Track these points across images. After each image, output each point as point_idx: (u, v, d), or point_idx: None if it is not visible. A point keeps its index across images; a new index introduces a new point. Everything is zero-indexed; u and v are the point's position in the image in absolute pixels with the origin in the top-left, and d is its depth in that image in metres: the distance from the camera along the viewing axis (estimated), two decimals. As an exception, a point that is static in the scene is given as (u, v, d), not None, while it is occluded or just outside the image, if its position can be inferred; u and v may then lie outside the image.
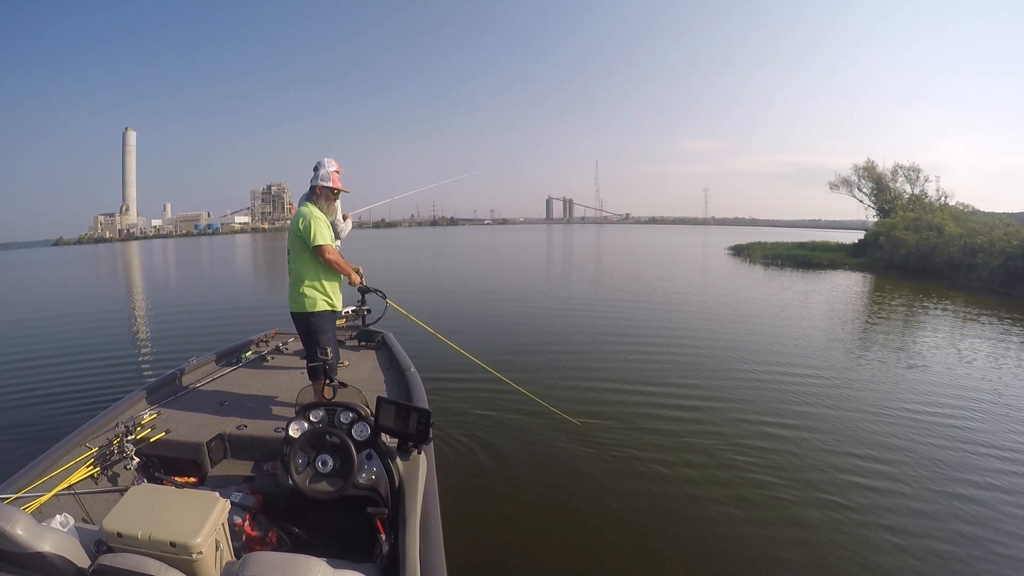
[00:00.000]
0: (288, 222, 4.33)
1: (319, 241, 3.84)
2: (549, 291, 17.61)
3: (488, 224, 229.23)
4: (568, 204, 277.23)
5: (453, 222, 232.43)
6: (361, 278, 4.44)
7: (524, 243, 53.55)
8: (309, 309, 3.95)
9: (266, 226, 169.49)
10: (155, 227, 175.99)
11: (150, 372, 8.34)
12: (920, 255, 23.75)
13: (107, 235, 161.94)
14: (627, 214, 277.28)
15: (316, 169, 4.06)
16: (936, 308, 14.24)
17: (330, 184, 4.04)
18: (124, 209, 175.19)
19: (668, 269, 25.17)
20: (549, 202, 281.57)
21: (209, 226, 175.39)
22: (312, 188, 4.04)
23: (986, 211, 32.25)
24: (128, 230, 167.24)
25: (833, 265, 26.91)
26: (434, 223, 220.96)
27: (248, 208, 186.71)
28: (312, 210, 3.93)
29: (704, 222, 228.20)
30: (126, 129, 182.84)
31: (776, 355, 9.04)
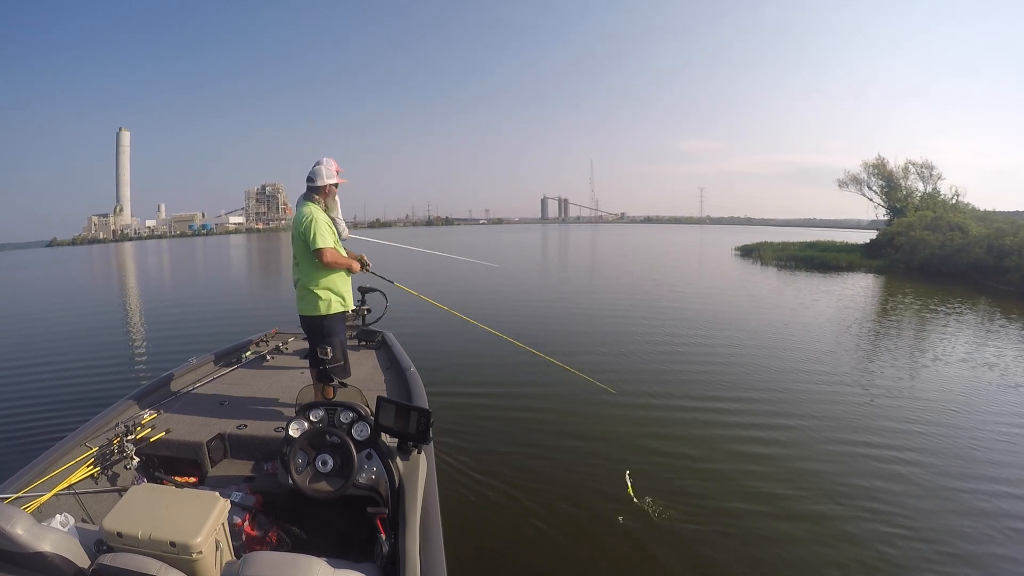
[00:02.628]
0: (283, 222, 4.26)
1: (319, 244, 3.77)
2: (560, 296, 16.46)
3: (483, 224, 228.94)
4: (563, 204, 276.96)
5: (448, 222, 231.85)
6: (364, 266, 4.27)
7: (523, 243, 53.01)
8: (324, 312, 3.89)
9: (260, 226, 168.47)
10: (149, 228, 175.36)
11: (150, 372, 8.29)
12: (943, 257, 22.39)
13: (101, 236, 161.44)
14: (622, 214, 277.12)
15: (315, 168, 3.97)
16: (989, 317, 13.06)
17: (335, 181, 3.98)
18: (118, 210, 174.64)
19: (685, 273, 23.68)
20: (544, 202, 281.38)
21: (203, 226, 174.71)
22: (319, 188, 3.94)
23: (984, 210, 31.62)
24: (122, 231, 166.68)
25: (851, 267, 25.48)
26: (429, 223, 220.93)
27: (243, 208, 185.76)
28: (313, 210, 3.85)
29: (700, 221, 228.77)
30: (120, 129, 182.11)
31: (842, 368, 8.33)
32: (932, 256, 23.16)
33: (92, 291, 23.20)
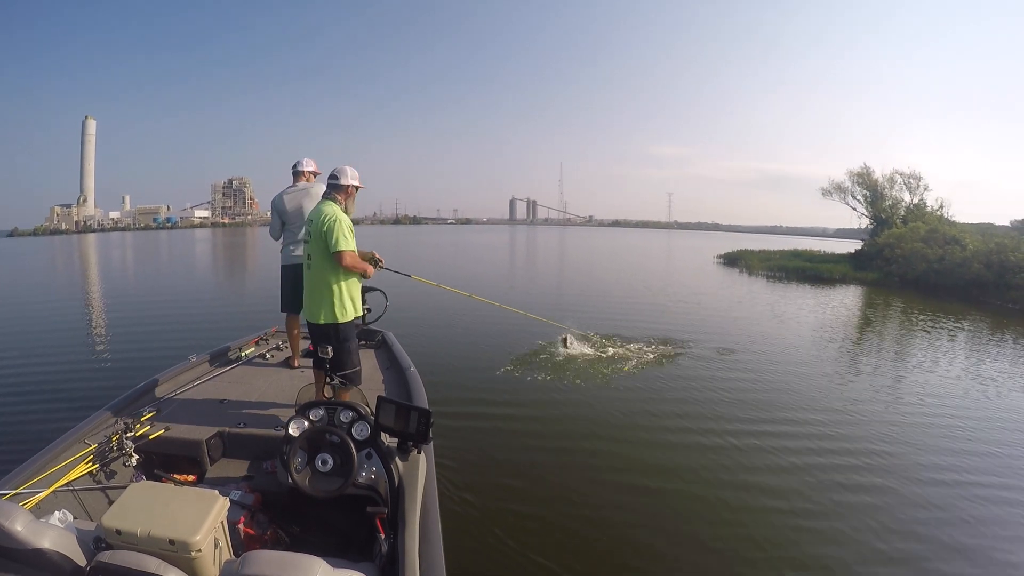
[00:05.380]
0: (250, 217, 4.07)
1: (341, 247, 3.57)
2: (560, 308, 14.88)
3: (451, 223, 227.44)
4: (532, 205, 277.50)
5: (416, 221, 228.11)
6: (376, 264, 4.11)
7: (493, 245, 52.36)
8: (341, 319, 3.73)
9: (227, 221, 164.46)
10: (113, 219, 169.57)
11: (150, 369, 8.08)
12: (941, 271, 21.62)
13: (64, 227, 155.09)
14: (591, 216, 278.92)
15: (339, 166, 3.79)
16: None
17: (358, 184, 3.81)
18: (82, 200, 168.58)
19: (682, 283, 22.39)
20: (513, 203, 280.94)
21: (168, 219, 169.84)
22: (342, 187, 3.77)
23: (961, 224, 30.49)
24: (85, 222, 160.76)
25: (844, 280, 24.66)
26: (397, 221, 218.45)
27: (208, 202, 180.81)
28: (335, 210, 3.66)
29: (667, 226, 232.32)
30: (86, 118, 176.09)
31: (913, 387, 8.06)
32: (929, 270, 22.47)
33: (88, 287, 22.07)
